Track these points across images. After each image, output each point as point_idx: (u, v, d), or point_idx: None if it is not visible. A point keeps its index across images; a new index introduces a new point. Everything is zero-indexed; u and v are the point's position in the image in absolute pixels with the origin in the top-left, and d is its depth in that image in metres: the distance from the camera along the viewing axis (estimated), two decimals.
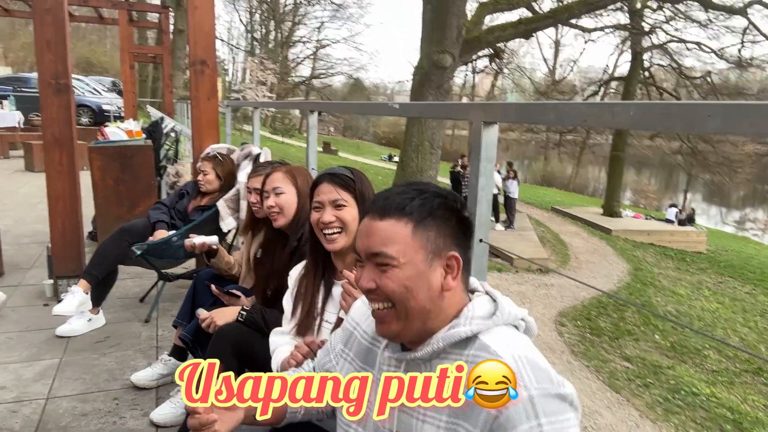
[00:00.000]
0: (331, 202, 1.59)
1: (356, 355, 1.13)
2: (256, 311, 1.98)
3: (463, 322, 0.96)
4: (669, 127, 0.88)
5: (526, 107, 1.23)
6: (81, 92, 16.61)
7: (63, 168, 3.56)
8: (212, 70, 3.84)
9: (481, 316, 0.97)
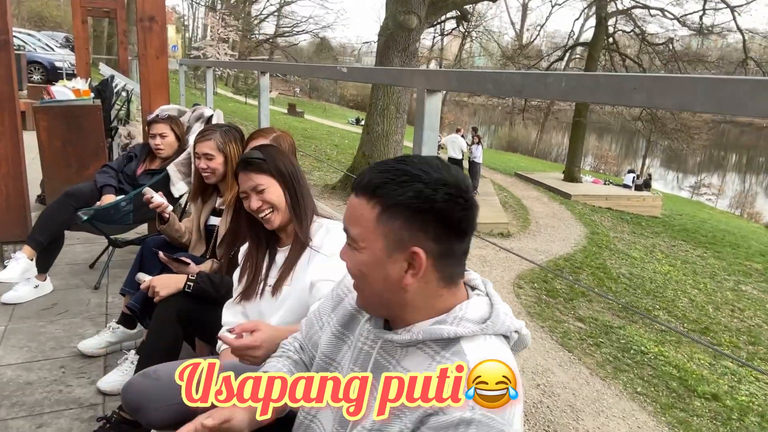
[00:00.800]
0: (252, 189, 1.66)
1: (338, 320, 1.13)
2: (203, 279, 1.95)
3: (451, 320, 0.92)
4: (598, 99, 0.87)
5: (466, 75, 1.21)
6: (32, 48, 15.79)
7: (5, 129, 3.39)
8: (161, 26, 3.68)
9: (472, 320, 0.93)
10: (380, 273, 0.92)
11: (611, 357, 7.00)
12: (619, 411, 5.89)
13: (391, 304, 0.95)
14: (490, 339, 0.93)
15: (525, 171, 20.39)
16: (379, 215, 0.90)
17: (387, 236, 0.90)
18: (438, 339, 0.92)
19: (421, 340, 0.93)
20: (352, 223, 0.94)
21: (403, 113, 11.70)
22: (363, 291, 0.97)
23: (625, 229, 14.34)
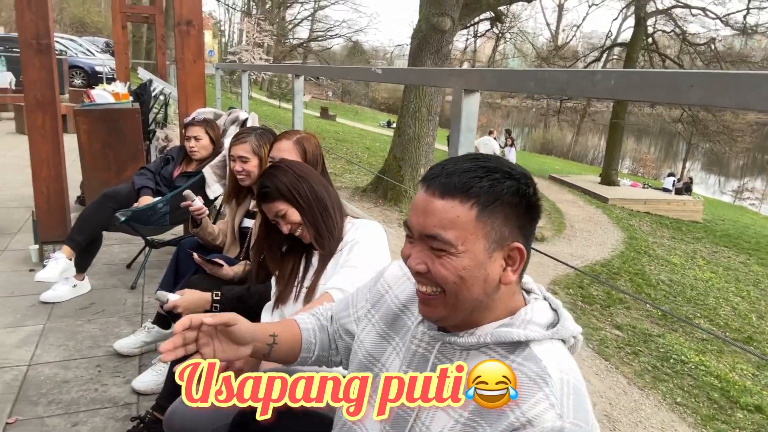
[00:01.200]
0: (275, 216, 1.67)
1: (382, 318, 1.10)
2: (228, 299, 1.92)
3: (518, 323, 0.90)
4: (650, 97, 0.82)
5: (506, 74, 1.16)
6: (74, 53, 16.32)
7: (46, 132, 3.48)
8: (198, 30, 3.72)
9: (539, 324, 0.91)
10: (481, 275, 0.88)
11: (650, 366, 6.79)
12: (658, 422, 5.70)
13: (479, 306, 0.91)
14: (557, 343, 0.91)
15: (560, 174, 20.04)
16: (478, 215, 0.87)
17: (488, 236, 0.87)
18: (504, 343, 0.90)
19: (486, 344, 0.90)
20: (446, 227, 0.86)
21: (435, 116, 11.62)
22: (455, 297, 0.89)
23: (664, 234, 13.94)
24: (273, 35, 33.80)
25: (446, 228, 0.87)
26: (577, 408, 0.82)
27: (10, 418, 2.09)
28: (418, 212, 0.90)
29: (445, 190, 0.88)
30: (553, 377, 0.84)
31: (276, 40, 35.19)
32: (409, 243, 0.93)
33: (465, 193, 0.87)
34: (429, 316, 0.95)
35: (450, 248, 0.87)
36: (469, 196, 0.87)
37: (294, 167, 1.73)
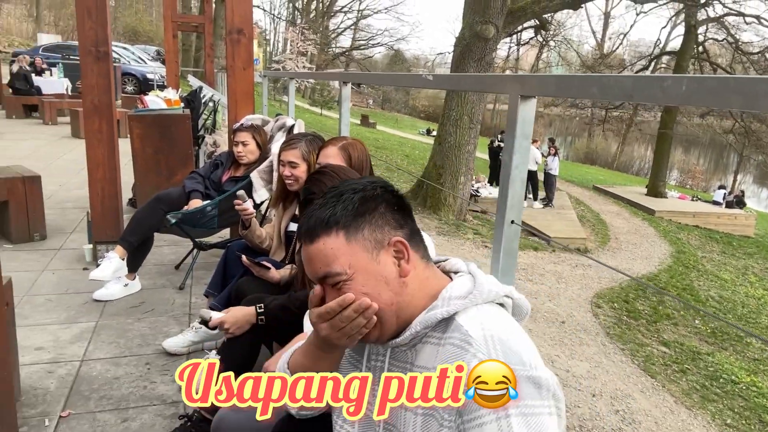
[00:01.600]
0: None
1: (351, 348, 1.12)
2: (272, 311, 1.95)
3: (441, 303, 0.95)
4: (725, 104, 0.79)
5: (566, 80, 1.14)
6: (127, 61, 16.92)
7: (102, 136, 3.61)
8: (249, 39, 3.80)
9: (459, 296, 0.96)
10: (381, 281, 0.94)
11: (698, 385, 6.54)
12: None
13: (401, 307, 0.96)
14: (482, 307, 0.94)
15: (604, 184, 19.60)
16: (346, 236, 0.94)
17: (365, 247, 0.95)
18: (435, 325, 0.94)
19: (420, 331, 0.94)
20: (329, 263, 0.94)
21: (477, 123, 11.54)
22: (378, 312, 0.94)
23: (714, 248, 13.44)
24: (316, 44, 34.29)
25: (329, 264, 0.94)
26: (507, 355, 0.85)
27: (64, 411, 2.16)
28: (306, 265, 0.98)
29: (311, 234, 0.96)
30: (474, 336, 0.88)
31: (319, 49, 35.70)
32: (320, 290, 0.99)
33: (326, 226, 0.95)
34: (371, 342, 0.99)
35: (342, 277, 0.93)
36: (329, 227, 0.95)
37: (339, 172, 1.73)
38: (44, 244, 4.07)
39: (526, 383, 0.84)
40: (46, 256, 3.81)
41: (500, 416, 0.81)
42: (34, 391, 2.27)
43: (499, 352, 0.86)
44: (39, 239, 4.12)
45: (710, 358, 7.31)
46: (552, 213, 13.25)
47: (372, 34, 41.43)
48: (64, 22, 33.23)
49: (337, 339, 0.97)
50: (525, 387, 0.84)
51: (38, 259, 3.76)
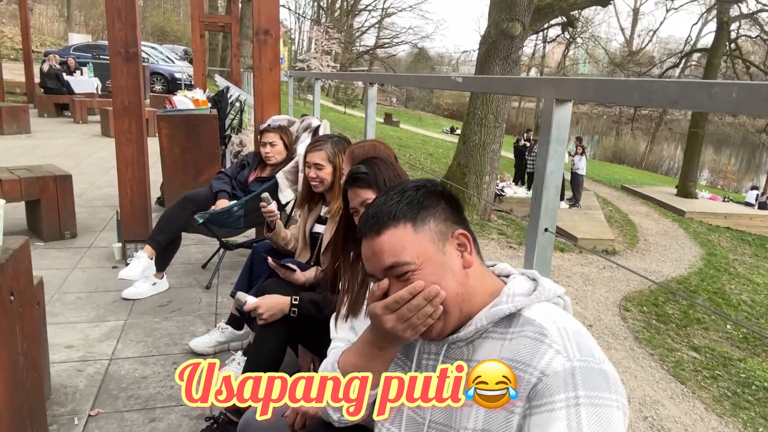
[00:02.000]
0: (361, 205, 1.63)
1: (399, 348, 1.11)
2: (306, 304, 1.97)
3: (505, 300, 0.96)
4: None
5: (605, 84, 1.10)
6: (155, 60, 17.18)
7: (132, 135, 3.65)
8: (275, 39, 3.81)
9: (522, 293, 0.98)
10: (448, 271, 0.96)
11: (730, 392, 6.37)
12: None
13: (464, 299, 0.97)
14: (544, 304, 0.96)
15: (632, 184, 19.25)
16: (414, 228, 0.97)
17: (432, 239, 0.97)
18: (500, 320, 0.95)
19: (485, 326, 0.95)
20: (397, 253, 0.96)
21: (502, 122, 11.43)
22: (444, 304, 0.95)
23: (746, 251, 13.09)
24: (341, 43, 34.37)
25: (397, 254, 0.96)
26: (581, 347, 0.86)
27: (93, 410, 2.18)
28: (370, 259, 0.99)
29: (378, 226, 0.98)
30: (549, 329, 0.89)
31: (343, 48, 35.76)
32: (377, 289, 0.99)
33: (393, 218, 0.98)
34: (432, 338, 0.98)
35: (411, 266, 0.95)
36: (397, 219, 0.98)
37: (396, 166, 1.72)
38: (75, 243, 4.14)
39: (597, 375, 0.84)
40: (77, 254, 3.88)
41: (570, 404, 0.81)
42: (64, 390, 2.30)
43: (573, 345, 0.87)
44: (70, 237, 4.19)
45: (742, 365, 7.12)
46: (579, 213, 13.06)
47: (396, 32, 41.39)
48: (95, 22, 33.88)
49: (401, 331, 0.97)
50: (596, 379, 0.84)
51: (69, 257, 3.83)
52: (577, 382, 0.82)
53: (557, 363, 0.84)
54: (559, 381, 0.83)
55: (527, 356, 0.87)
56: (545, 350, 0.86)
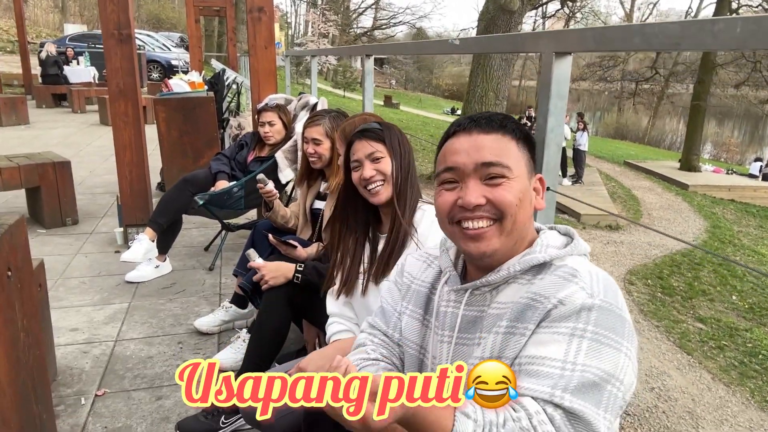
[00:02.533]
0: (367, 156, 1.58)
1: (416, 305, 1.13)
2: (310, 271, 1.95)
3: (539, 250, 0.96)
4: None
5: (605, 32, 1.07)
6: (151, 48, 17.05)
7: (128, 119, 3.62)
8: (270, 17, 3.76)
9: (556, 246, 0.98)
10: (529, 198, 0.97)
11: (737, 362, 6.38)
12: (746, 420, 5.34)
13: (521, 235, 0.97)
14: (576, 257, 0.96)
15: (635, 159, 19.13)
16: (518, 145, 0.97)
17: (527, 164, 0.98)
18: (530, 269, 0.95)
19: (516, 273, 0.95)
20: (500, 155, 0.94)
21: (503, 100, 11.35)
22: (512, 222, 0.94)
23: (751, 222, 13.04)
24: (338, 25, 34.08)
25: (501, 155, 0.94)
26: (608, 291, 0.87)
27: (99, 390, 2.19)
28: (467, 151, 0.96)
29: (487, 127, 0.97)
30: (581, 271, 0.90)
31: (341, 30, 35.47)
32: (451, 188, 0.97)
33: (503, 128, 0.97)
34: (484, 250, 0.95)
35: (508, 173, 0.94)
36: (506, 130, 0.97)
37: (404, 134, 1.69)
38: (76, 229, 4.13)
39: (615, 318, 0.85)
40: (79, 240, 3.88)
41: (576, 334, 0.83)
42: (70, 371, 2.31)
43: (600, 287, 0.87)
44: (71, 224, 4.18)
45: (748, 334, 7.12)
46: (582, 190, 13.00)
47: (393, 12, 41.00)
48: (89, 12, 33.61)
49: None
50: (612, 321, 0.84)
51: (71, 243, 3.83)
52: (591, 319, 0.83)
53: (578, 296, 0.85)
54: (573, 311, 0.84)
55: (552, 290, 0.88)
56: (571, 286, 0.87)
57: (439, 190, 0.99)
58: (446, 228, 1.00)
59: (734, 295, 8.41)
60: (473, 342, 0.97)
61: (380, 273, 1.57)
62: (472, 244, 0.95)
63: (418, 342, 1.09)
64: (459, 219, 0.95)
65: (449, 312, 1.02)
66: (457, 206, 0.95)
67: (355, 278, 1.64)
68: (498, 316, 0.94)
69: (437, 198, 1.00)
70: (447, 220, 0.98)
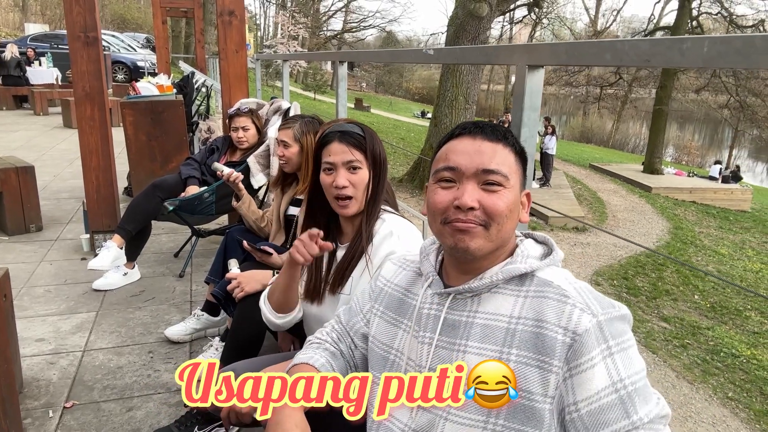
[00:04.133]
0: (344, 164, 1.48)
1: (387, 307, 1.14)
2: None
3: (520, 260, 0.99)
4: (753, 64, 0.75)
5: (577, 47, 1.10)
6: (116, 49, 16.68)
7: (95, 123, 3.54)
8: (241, 21, 3.73)
9: (535, 256, 1.00)
10: (517, 210, 0.99)
11: (699, 359, 6.58)
12: (709, 417, 5.52)
13: (503, 244, 0.99)
14: (553, 267, 0.99)
15: (600, 162, 19.58)
16: (515, 157, 1.00)
17: (520, 178, 1.00)
18: (512, 278, 0.97)
19: (497, 282, 0.97)
20: (500, 164, 0.97)
21: (473, 104, 11.47)
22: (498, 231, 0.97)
23: (711, 224, 13.47)
24: (307, 27, 33.94)
25: (501, 164, 0.97)
26: (600, 301, 0.91)
27: (68, 402, 2.13)
28: (469, 153, 0.98)
29: (491, 135, 0.99)
30: (568, 290, 0.92)
31: (310, 32, 35.33)
32: (447, 187, 0.99)
33: (505, 138, 1.00)
34: (468, 245, 0.96)
35: (506, 182, 0.96)
36: (507, 142, 1.00)
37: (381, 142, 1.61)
38: (41, 236, 4.02)
39: (619, 322, 0.90)
40: (44, 247, 3.77)
41: (605, 355, 0.87)
42: (37, 383, 2.24)
43: (592, 300, 0.91)
44: (35, 230, 4.07)
45: (710, 333, 7.36)
46: (549, 192, 13.23)
47: (363, 15, 41.03)
48: (51, 11, 32.73)
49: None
50: (619, 325, 0.89)
51: (35, 250, 3.72)
52: (606, 335, 0.88)
53: (585, 321, 0.88)
54: (592, 338, 0.87)
55: (554, 317, 0.90)
56: (570, 310, 0.90)
57: (435, 187, 1.01)
58: (435, 226, 1.01)
59: (696, 294, 8.67)
60: (454, 347, 0.97)
61: (337, 284, 1.51)
62: (459, 236, 0.96)
63: (386, 342, 1.10)
64: (451, 220, 0.97)
65: (432, 315, 1.03)
66: (453, 207, 0.96)
67: (318, 285, 1.58)
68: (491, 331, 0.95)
69: (432, 195, 1.01)
70: (439, 219, 0.99)
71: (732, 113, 22.39)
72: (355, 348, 1.21)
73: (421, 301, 1.05)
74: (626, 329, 0.90)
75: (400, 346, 1.07)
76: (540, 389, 0.89)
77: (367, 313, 1.19)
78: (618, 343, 0.88)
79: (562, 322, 0.89)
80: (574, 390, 0.87)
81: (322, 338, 1.24)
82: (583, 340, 0.87)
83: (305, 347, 1.23)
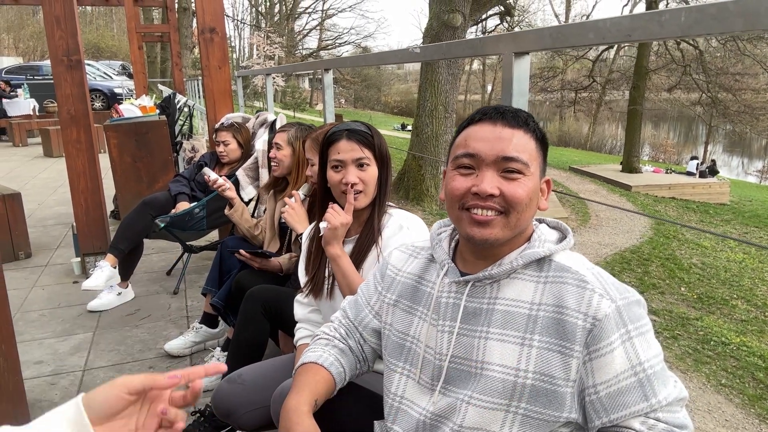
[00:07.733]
0: (354, 161, 1.52)
1: (401, 296, 1.14)
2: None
3: (537, 245, 0.99)
4: (729, 28, 0.81)
5: (561, 29, 1.15)
6: (92, 77, 16.60)
7: (81, 145, 3.55)
8: (222, 37, 3.77)
9: (551, 240, 1.02)
10: (536, 198, 1.00)
11: (690, 349, 6.67)
12: (704, 404, 5.58)
13: (522, 231, 1.01)
14: (567, 251, 1.01)
15: (580, 165, 19.83)
16: (536, 144, 1.00)
17: (540, 164, 1.00)
18: (530, 263, 0.98)
19: (516, 267, 0.98)
20: (521, 151, 0.96)
21: (452, 113, 11.58)
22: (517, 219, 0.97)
23: (692, 218, 13.71)
24: (283, 47, 34.08)
25: (521, 151, 0.96)
26: (616, 286, 0.94)
27: None
28: (489, 140, 0.97)
29: (512, 121, 0.98)
30: (586, 275, 0.95)
31: (287, 52, 35.47)
32: (467, 174, 0.98)
33: (526, 125, 0.99)
34: (487, 237, 0.97)
35: (526, 170, 0.96)
36: (528, 128, 0.99)
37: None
38: (30, 262, 3.99)
39: (636, 306, 0.93)
40: (34, 273, 3.74)
41: (624, 340, 0.90)
42: (39, 404, 2.23)
43: (609, 285, 0.93)
44: (24, 257, 4.04)
45: (699, 323, 7.45)
46: None
47: (338, 33, 41.40)
48: (24, 44, 32.52)
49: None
50: (636, 310, 0.92)
51: (26, 276, 3.69)
52: (624, 319, 0.90)
53: (604, 306, 0.90)
54: (611, 323, 0.90)
55: (574, 303, 0.92)
56: (590, 296, 0.92)
57: (454, 174, 1.00)
58: (453, 212, 1.01)
59: (683, 286, 8.80)
60: (476, 334, 0.98)
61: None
62: (477, 229, 0.97)
63: (402, 330, 1.11)
64: (469, 206, 0.97)
65: (450, 303, 1.03)
66: (471, 193, 0.96)
67: (321, 280, 1.62)
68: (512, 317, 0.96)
69: (450, 181, 1.01)
70: (457, 205, 0.99)
71: (705, 110, 22.87)
72: (365, 342, 1.22)
73: (439, 290, 1.05)
74: (643, 314, 0.93)
75: (417, 333, 1.08)
76: (562, 374, 0.91)
77: (375, 304, 1.20)
78: (636, 327, 0.91)
79: (582, 307, 0.91)
80: (594, 373, 0.90)
81: (331, 334, 1.24)
82: (603, 325, 0.89)
83: (313, 344, 1.24)
